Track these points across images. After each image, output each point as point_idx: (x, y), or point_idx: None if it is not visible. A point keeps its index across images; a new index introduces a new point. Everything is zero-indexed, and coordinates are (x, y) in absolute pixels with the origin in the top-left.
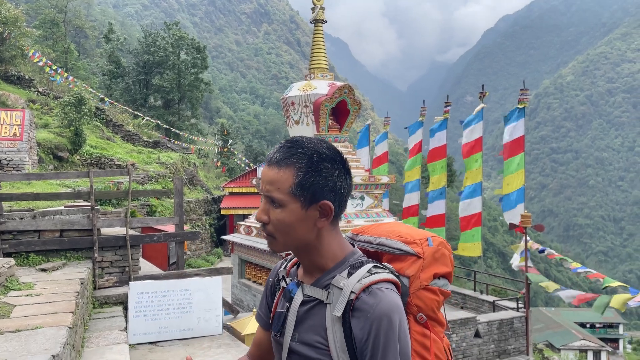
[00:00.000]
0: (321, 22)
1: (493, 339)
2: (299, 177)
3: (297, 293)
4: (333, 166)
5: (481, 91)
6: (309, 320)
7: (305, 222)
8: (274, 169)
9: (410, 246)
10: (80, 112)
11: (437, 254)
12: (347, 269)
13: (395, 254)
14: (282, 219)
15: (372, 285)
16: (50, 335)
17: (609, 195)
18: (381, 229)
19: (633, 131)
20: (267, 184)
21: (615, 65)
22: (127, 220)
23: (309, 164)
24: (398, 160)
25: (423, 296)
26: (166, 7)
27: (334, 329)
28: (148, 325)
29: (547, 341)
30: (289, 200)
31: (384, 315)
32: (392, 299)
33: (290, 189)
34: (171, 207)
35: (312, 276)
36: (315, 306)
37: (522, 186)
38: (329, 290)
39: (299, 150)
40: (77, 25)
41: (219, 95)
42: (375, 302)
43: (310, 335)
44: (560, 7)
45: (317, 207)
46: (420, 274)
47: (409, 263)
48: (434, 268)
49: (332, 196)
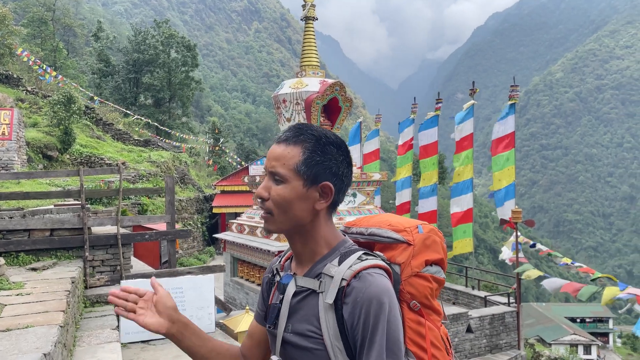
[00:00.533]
0: (312, 20)
1: (485, 334)
2: (306, 155)
3: (290, 284)
4: (338, 152)
5: (472, 88)
6: (302, 310)
7: (304, 201)
8: (282, 145)
9: (400, 234)
10: (69, 111)
11: (428, 241)
12: (338, 257)
13: (386, 242)
14: (282, 194)
15: (362, 271)
16: (42, 334)
17: (598, 191)
18: (373, 220)
19: (621, 127)
20: (273, 160)
21: (604, 62)
22: (118, 218)
23: (317, 144)
24: (389, 158)
25: (415, 283)
26: (156, 5)
27: (326, 317)
28: None
29: (538, 336)
30: (292, 176)
31: (372, 298)
32: (382, 282)
33: (295, 165)
34: (162, 206)
35: (304, 267)
36: (307, 296)
37: (513, 182)
38: (320, 279)
39: (309, 131)
40: (65, 24)
41: (210, 94)
42: (365, 286)
43: (303, 325)
44: (549, 4)
45: (317, 189)
46: (411, 261)
47: (399, 250)
48: (425, 255)
49: (334, 180)
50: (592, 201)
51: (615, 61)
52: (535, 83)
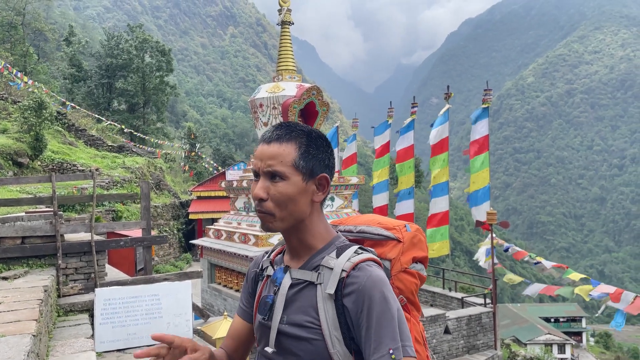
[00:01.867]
0: (288, 24)
1: (462, 334)
2: (302, 150)
3: (285, 277)
4: (326, 144)
5: (446, 92)
6: (298, 302)
7: (305, 195)
8: (275, 144)
9: (391, 231)
10: (40, 117)
11: (415, 239)
12: (335, 251)
13: (376, 239)
14: (284, 191)
15: (361, 263)
16: (14, 343)
17: (570, 192)
18: (360, 219)
19: (591, 131)
20: (269, 159)
21: (573, 67)
22: (92, 225)
23: (309, 139)
24: (366, 162)
25: (403, 278)
26: (129, 10)
27: (325, 307)
28: (115, 332)
29: (514, 336)
30: (292, 172)
31: (375, 287)
32: (380, 273)
33: (293, 161)
34: (137, 213)
35: (299, 260)
36: (304, 288)
37: (488, 184)
38: (319, 271)
39: (298, 127)
40: (36, 28)
41: (185, 99)
42: (366, 276)
43: (300, 316)
44: (520, 10)
45: (315, 181)
46: (400, 257)
47: (390, 247)
48: (412, 252)
49: (328, 172)
50: (564, 203)
51: (585, 66)
52: (508, 87)
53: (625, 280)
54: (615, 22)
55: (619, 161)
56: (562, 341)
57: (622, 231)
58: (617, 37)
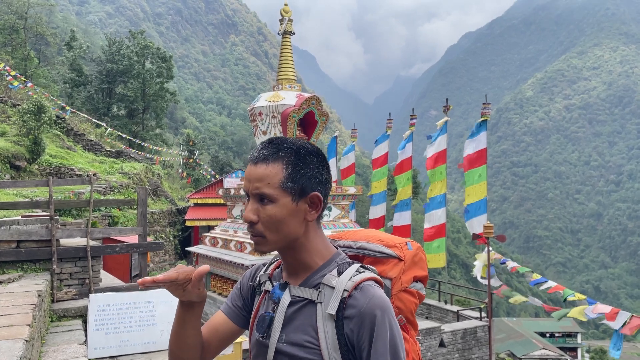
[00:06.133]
0: (289, 34)
1: (457, 348)
2: (289, 170)
3: (284, 294)
4: (318, 160)
5: (445, 105)
6: (297, 320)
7: (296, 216)
8: (261, 165)
9: (392, 249)
10: (39, 121)
11: (416, 258)
12: (337, 268)
13: (377, 257)
14: (273, 215)
15: (364, 283)
16: (6, 348)
17: (567, 207)
18: (360, 234)
19: (589, 146)
20: (256, 182)
21: (572, 82)
22: (88, 230)
23: (297, 157)
24: (365, 173)
25: (403, 298)
26: (131, 16)
27: (325, 327)
28: (109, 338)
29: (509, 351)
30: (280, 194)
31: (377, 310)
32: (383, 295)
33: (280, 182)
34: (134, 218)
35: (298, 277)
36: (304, 306)
37: (485, 197)
38: (319, 289)
39: (285, 145)
40: (37, 32)
41: (185, 106)
42: (368, 297)
43: (299, 335)
44: (520, 25)
45: (306, 200)
46: (401, 276)
47: (391, 265)
48: (413, 271)
49: (320, 189)
50: (561, 217)
51: (583, 82)
52: (507, 101)
53: (621, 296)
54: (614, 39)
55: (616, 177)
56: (558, 356)
57: (619, 247)
58: (616, 53)
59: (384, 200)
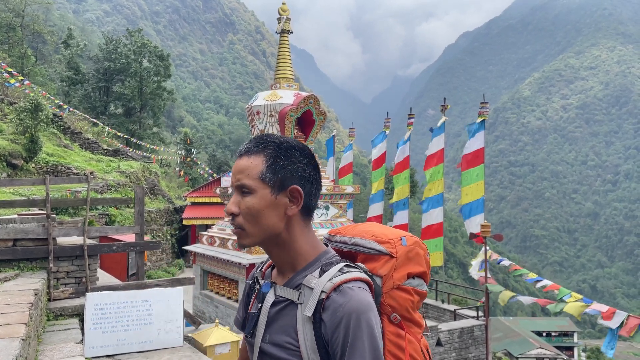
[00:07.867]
0: (287, 33)
1: (454, 347)
2: (269, 162)
3: (269, 294)
4: (301, 155)
5: (443, 104)
6: (280, 320)
7: (275, 209)
8: (244, 158)
9: (384, 245)
10: (36, 119)
11: (411, 254)
12: (319, 269)
13: (368, 253)
14: (251, 206)
15: (343, 284)
16: (2, 347)
17: (564, 207)
18: (357, 229)
19: (586, 146)
20: (238, 173)
21: (569, 82)
22: (85, 229)
23: (278, 150)
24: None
25: (397, 296)
26: (128, 14)
27: (304, 329)
28: (105, 337)
29: (506, 350)
30: (259, 185)
31: (352, 313)
32: (363, 297)
33: (260, 174)
34: (131, 217)
35: (284, 276)
36: (286, 307)
37: (482, 197)
38: (300, 290)
39: (269, 139)
40: (34, 30)
41: (182, 104)
42: (345, 301)
43: (280, 336)
44: (518, 25)
45: (287, 194)
46: (393, 274)
47: (381, 262)
48: (407, 267)
49: (302, 183)
50: (558, 217)
51: (580, 81)
52: (504, 101)
53: (617, 295)
54: (611, 39)
55: (613, 177)
56: (554, 356)
57: (615, 246)
58: (613, 53)
59: (381, 199)
